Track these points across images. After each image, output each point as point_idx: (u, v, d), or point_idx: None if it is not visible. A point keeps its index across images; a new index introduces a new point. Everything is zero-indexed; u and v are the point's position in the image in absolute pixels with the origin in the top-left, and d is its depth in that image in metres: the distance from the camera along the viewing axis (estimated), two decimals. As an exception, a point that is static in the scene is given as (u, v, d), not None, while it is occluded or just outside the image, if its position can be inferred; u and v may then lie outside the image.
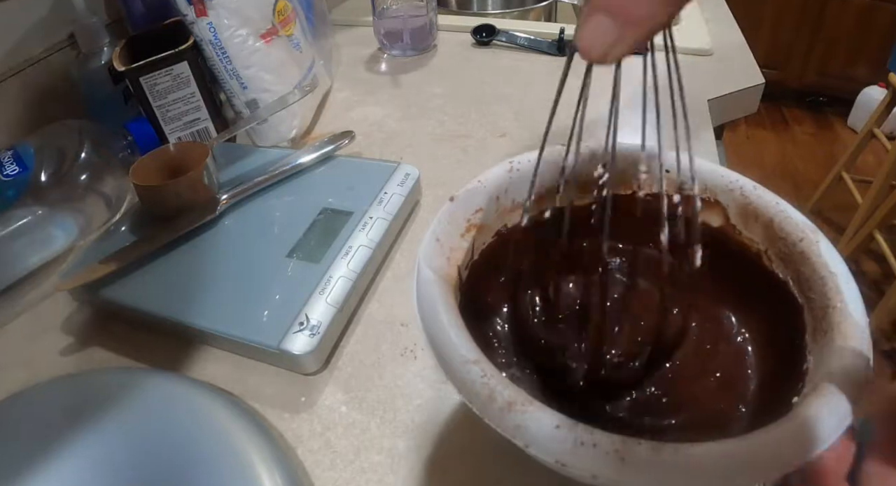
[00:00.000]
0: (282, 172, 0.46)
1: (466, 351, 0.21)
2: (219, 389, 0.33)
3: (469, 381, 0.20)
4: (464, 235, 0.26)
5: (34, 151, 0.42)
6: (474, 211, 0.27)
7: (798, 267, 0.26)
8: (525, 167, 0.28)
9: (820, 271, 0.24)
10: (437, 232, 0.25)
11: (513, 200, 0.29)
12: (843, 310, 0.23)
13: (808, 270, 0.25)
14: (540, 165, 0.25)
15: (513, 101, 0.62)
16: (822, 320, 0.23)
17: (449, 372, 0.21)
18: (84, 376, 0.34)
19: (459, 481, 0.29)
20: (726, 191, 0.28)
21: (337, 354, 0.36)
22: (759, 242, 0.28)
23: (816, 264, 0.25)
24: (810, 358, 0.23)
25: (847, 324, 0.22)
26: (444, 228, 0.26)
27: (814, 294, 0.24)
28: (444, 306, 0.23)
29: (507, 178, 0.28)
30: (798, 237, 0.26)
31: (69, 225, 0.43)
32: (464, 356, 0.21)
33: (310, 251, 0.39)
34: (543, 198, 0.29)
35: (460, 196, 0.27)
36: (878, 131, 1.58)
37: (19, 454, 0.29)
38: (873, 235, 1.46)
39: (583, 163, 0.28)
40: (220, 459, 0.28)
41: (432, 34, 0.73)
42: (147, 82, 0.48)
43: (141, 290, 0.38)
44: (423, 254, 0.24)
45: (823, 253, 0.25)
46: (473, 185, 0.28)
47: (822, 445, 0.18)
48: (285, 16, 0.54)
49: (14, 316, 0.40)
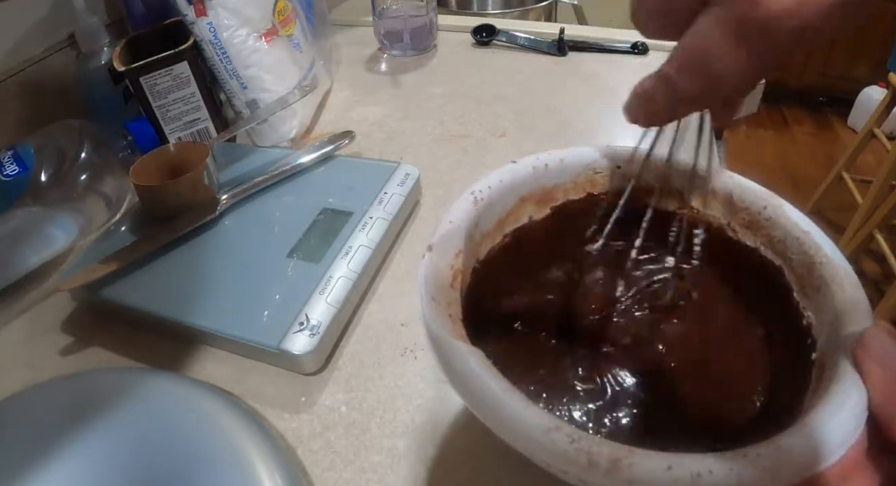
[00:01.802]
0: (282, 172, 0.46)
1: (542, 420, 0.19)
2: (219, 389, 0.33)
3: (560, 452, 0.18)
4: (452, 284, 0.25)
5: (34, 151, 0.42)
6: (455, 255, 0.25)
7: (768, 233, 0.27)
8: (487, 194, 0.27)
9: (793, 232, 0.25)
10: (430, 292, 0.23)
11: (481, 233, 0.28)
12: (830, 264, 0.24)
13: (780, 233, 0.26)
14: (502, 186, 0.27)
15: (513, 101, 0.62)
16: (810, 276, 0.24)
17: (531, 448, 0.19)
18: (84, 376, 0.34)
19: (460, 481, 0.29)
20: (680, 173, 0.29)
21: (337, 354, 0.36)
22: (721, 216, 0.29)
23: (787, 226, 0.26)
24: (808, 314, 0.24)
25: (839, 276, 0.23)
26: (434, 284, 0.24)
27: (792, 254, 0.25)
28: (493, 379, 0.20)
29: (475, 211, 0.27)
30: (761, 205, 0.27)
31: (69, 225, 0.43)
32: (542, 426, 0.19)
33: (310, 251, 0.39)
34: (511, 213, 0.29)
35: (437, 243, 0.25)
36: (878, 131, 1.58)
37: (19, 454, 0.29)
38: (873, 235, 1.46)
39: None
40: (220, 459, 0.28)
41: (432, 34, 0.73)
42: (147, 82, 0.48)
43: (141, 290, 0.38)
44: (431, 321, 0.22)
45: (791, 215, 0.26)
46: (446, 227, 0.26)
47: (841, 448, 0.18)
48: (285, 16, 0.55)
49: (14, 316, 0.40)
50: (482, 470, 0.30)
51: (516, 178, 0.28)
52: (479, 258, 0.28)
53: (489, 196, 0.27)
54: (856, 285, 0.23)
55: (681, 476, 0.17)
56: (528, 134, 0.57)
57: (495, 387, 0.20)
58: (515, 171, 0.28)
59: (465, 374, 0.20)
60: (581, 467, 0.18)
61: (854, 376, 0.19)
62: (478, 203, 0.27)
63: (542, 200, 0.30)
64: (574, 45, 0.70)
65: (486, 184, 0.28)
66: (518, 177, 0.28)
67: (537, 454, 0.19)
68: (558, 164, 0.29)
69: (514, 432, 0.19)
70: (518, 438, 0.19)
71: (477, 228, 0.27)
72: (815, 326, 0.24)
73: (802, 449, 0.18)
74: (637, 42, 0.69)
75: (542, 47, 0.71)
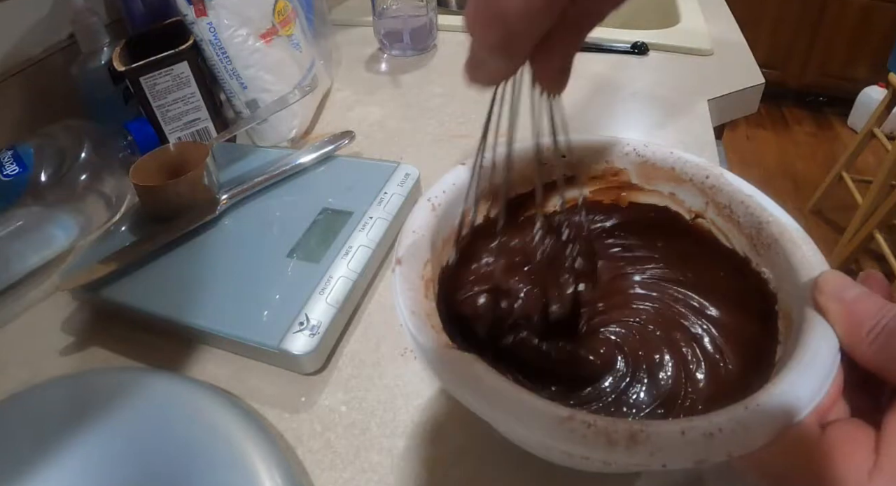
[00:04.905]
0: (282, 172, 0.46)
1: (555, 409, 0.19)
2: (219, 389, 0.33)
3: (579, 438, 0.18)
4: (427, 294, 0.25)
5: (34, 151, 0.42)
6: (423, 265, 0.25)
7: (713, 198, 0.29)
8: (443, 199, 0.28)
9: (737, 196, 0.27)
10: (408, 306, 0.23)
11: (442, 239, 0.28)
12: (777, 222, 0.25)
13: (724, 198, 0.28)
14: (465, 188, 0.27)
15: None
16: (759, 236, 0.26)
17: (549, 442, 0.19)
18: (84, 376, 0.34)
19: (459, 481, 0.29)
20: (621, 155, 0.31)
21: (337, 354, 0.36)
22: (664, 190, 0.31)
23: (730, 191, 0.28)
24: (764, 270, 0.26)
25: (788, 232, 0.25)
26: (411, 297, 0.24)
27: (738, 217, 0.27)
28: (499, 380, 0.20)
29: (434, 217, 0.27)
30: (704, 175, 0.29)
31: (69, 225, 0.43)
32: (557, 415, 0.19)
33: (310, 251, 0.39)
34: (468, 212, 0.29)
35: (405, 256, 0.25)
36: (878, 131, 1.58)
37: (19, 454, 0.29)
38: (873, 235, 1.47)
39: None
40: (220, 459, 0.28)
41: (432, 34, 0.73)
42: (147, 82, 0.48)
43: (141, 290, 0.38)
44: (418, 335, 0.22)
45: (732, 181, 0.28)
46: (410, 238, 0.26)
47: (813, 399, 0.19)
48: (285, 16, 0.55)
49: (14, 316, 0.40)
50: (482, 470, 0.30)
51: (468, 178, 0.28)
52: (442, 265, 0.28)
53: (445, 201, 0.28)
54: (805, 238, 0.25)
55: (695, 438, 0.18)
56: (527, 134, 0.57)
57: (505, 387, 0.20)
58: (466, 172, 0.29)
59: (471, 381, 0.20)
60: (603, 449, 0.18)
61: (821, 321, 0.21)
62: (436, 209, 0.27)
63: (492, 197, 0.30)
64: (574, 45, 0.70)
65: (441, 189, 0.28)
66: (468, 177, 0.29)
67: (559, 445, 0.19)
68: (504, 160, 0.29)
69: (532, 428, 0.19)
70: (536, 434, 0.19)
71: (438, 235, 0.27)
72: (772, 280, 0.25)
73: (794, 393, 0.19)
74: (637, 42, 0.69)
75: (542, 47, 0.71)
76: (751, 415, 0.18)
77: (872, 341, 0.19)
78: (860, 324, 0.19)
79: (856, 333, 0.19)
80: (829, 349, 0.20)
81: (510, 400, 0.20)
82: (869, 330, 0.19)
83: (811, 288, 0.22)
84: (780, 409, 0.18)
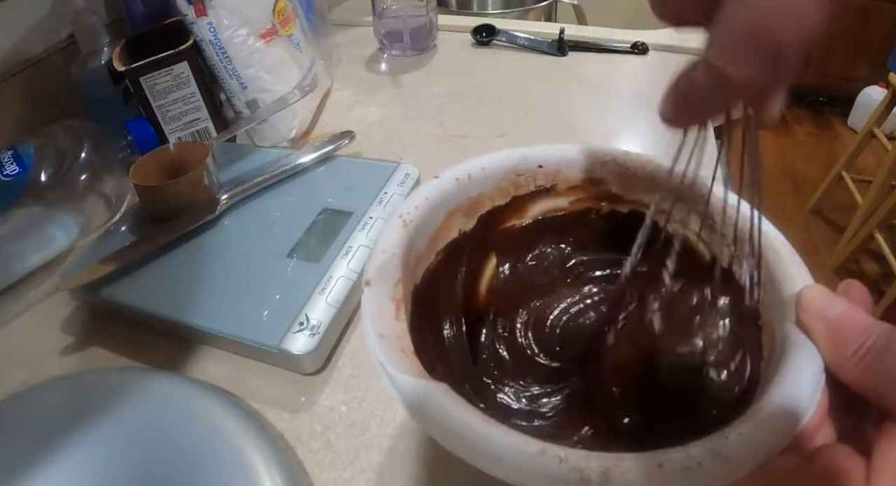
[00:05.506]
0: (282, 172, 0.46)
1: (526, 445, 0.18)
2: (219, 389, 0.33)
3: (551, 475, 0.18)
4: (398, 316, 0.23)
5: (34, 151, 0.42)
6: (394, 285, 0.24)
7: (695, 208, 0.28)
8: (415, 215, 0.26)
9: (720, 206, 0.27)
10: (377, 330, 0.22)
11: (416, 256, 0.27)
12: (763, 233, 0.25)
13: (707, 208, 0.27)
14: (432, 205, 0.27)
15: (513, 101, 0.62)
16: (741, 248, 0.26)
17: (522, 478, 0.18)
18: (84, 376, 0.34)
19: (459, 481, 0.29)
20: (600, 164, 0.30)
21: (337, 354, 0.36)
22: (644, 196, 0.30)
23: (714, 201, 0.27)
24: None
25: (771, 244, 0.24)
26: (379, 320, 0.23)
27: (722, 227, 0.27)
28: (468, 412, 0.19)
29: (406, 234, 0.26)
30: (686, 184, 0.27)
31: (69, 225, 0.43)
32: (526, 452, 0.18)
33: (310, 251, 0.39)
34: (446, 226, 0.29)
35: (374, 277, 0.24)
36: (878, 131, 1.58)
37: (19, 454, 0.29)
38: (873, 235, 1.46)
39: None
40: (220, 459, 0.28)
41: (432, 34, 0.73)
42: (147, 82, 0.48)
43: (141, 290, 0.38)
44: (385, 361, 0.21)
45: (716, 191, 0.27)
46: (380, 257, 0.25)
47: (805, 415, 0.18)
48: (285, 16, 0.54)
49: (14, 316, 0.40)
50: (482, 471, 0.30)
51: (442, 193, 0.28)
52: (416, 282, 0.27)
53: (418, 217, 0.27)
54: (790, 251, 0.24)
55: (673, 472, 0.17)
56: (527, 134, 0.57)
57: (474, 421, 0.19)
58: (440, 186, 0.28)
59: (437, 414, 0.19)
60: (575, 485, 0.17)
61: (804, 341, 0.20)
62: (408, 226, 0.26)
63: (469, 211, 0.29)
64: (574, 45, 0.70)
65: (413, 204, 0.27)
66: (443, 192, 0.28)
67: (530, 481, 0.18)
68: (480, 172, 0.29)
69: (504, 465, 0.18)
70: (509, 471, 0.18)
71: (411, 253, 0.26)
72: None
73: (778, 418, 0.18)
74: (637, 42, 0.69)
75: (542, 47, 0.71)
76: (731, 446, 0.17)
77: (858, 361, 0.18)
78: (845, 344, 0.19)
79: (841, 353, 0.19)
80: (814, 372, 0.19)
81: (479, 435, 0.19)
82: (854, 351, 0.18)
83: (794, 304, 0.21)
84: (763, 438, 0.18)
